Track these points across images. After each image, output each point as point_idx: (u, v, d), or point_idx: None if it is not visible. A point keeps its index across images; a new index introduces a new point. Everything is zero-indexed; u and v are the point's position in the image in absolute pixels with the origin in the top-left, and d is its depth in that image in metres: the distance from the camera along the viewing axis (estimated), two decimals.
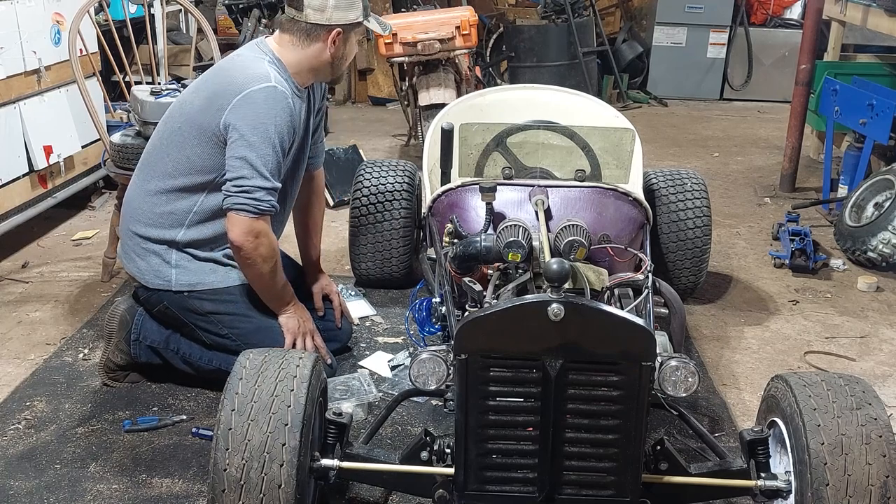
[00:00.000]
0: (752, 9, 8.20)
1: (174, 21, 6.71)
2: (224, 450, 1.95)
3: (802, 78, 5.20)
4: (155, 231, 2.88)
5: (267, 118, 2.72)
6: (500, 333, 2.00)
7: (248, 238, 2.73)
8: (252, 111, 2.72)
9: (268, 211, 2.74)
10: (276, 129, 2.73)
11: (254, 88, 2.73)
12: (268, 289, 2.89)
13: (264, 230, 2.75)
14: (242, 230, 2.72)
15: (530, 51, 7.16)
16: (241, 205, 2.71)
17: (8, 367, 3.19)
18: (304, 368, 2.08)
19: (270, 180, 2.73)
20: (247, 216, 2.71)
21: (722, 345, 3.47)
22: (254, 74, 2.77)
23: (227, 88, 2.77)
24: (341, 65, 2.94)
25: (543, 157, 3.07)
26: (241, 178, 2.71)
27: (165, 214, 2.86)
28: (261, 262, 2.78)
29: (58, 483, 2.53)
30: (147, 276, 2.90)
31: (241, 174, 2.71)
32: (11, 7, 4.02)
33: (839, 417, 1.99)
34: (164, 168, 2.86)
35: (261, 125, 2.71)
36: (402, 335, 3.41)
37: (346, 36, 2.88)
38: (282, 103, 2.75)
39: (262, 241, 2.75)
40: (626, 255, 2.61)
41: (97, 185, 4.95)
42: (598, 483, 2.07)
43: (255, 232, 2.73)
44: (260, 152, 2.71)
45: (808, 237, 4.30)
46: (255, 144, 2.71)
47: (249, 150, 2.70)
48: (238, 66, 2.85)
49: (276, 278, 2.87)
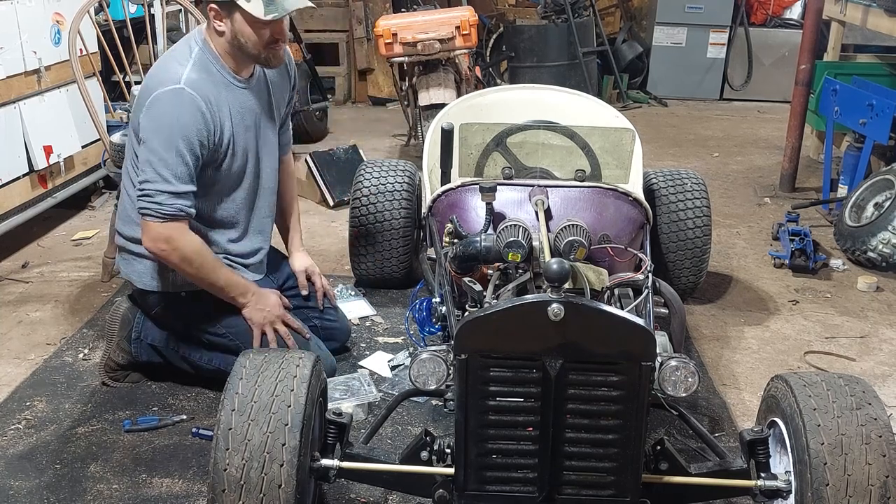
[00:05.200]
0: (752, 9, 8.20)
1: (174, 21, 6.70)
2: (224, 450, 1.95)
3: (802, 78, 5.20)
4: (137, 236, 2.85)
5: (169, 123, 2.66)
6: (500, 333, 2.00)
7: (158, 244, 2.70)
8: (155, 115, 2.69)
9: (175, 215, 2.68)
10: (181, 134, 2.66)
11: (160, 91, 2.69)
12: (207, 288, 2.83)
13: (175, 234, 2.69)
14: (150, 236, 2.70)
15: (530, 51, 7.16)
16: (146, 209, 2.67)
17: (8, 367, 3.19)
18: (304, 368, 2.08)
19: (174, 184, 2.66)
20: (153, 221, 2.67)
21: (722, 345, 3.47)
22: (166, 76, 2.73)
23: (145, 89, 2.76)
24: (246, 48, 2.75)
25: (543, 157, 3.06)
26: (145, 182, 2.68)
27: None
28: (182, 265, 2.74)
29: (58, 483, 2.53)
30: (144, 279, 2.90)
31: (145, 178, 2.68)
32: (11, 7, 4.02)
33: (839, 417, 1.99)
34: (134, 171, 2.83)
35: (164, 129, 2.66)
36: (402, 335, 3.41)
37: (229, 17, 2.72)
38: (187, 106, 2.68)
39: (176, 245, 2.70)
40: (626, 255, 2.61)
41: (97, 185, 4.95)
42: (598, 483, 2.07)
43: (163, 237, 2.69)
44: (162, 156, 2.65)
45: (808, 237, 4.30)
46: (156, 150, 2.66)
47: (152, 154, 2.67)
48: (160, 66, 2.83)
49: (210, 277, 2.80)
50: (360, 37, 7.64)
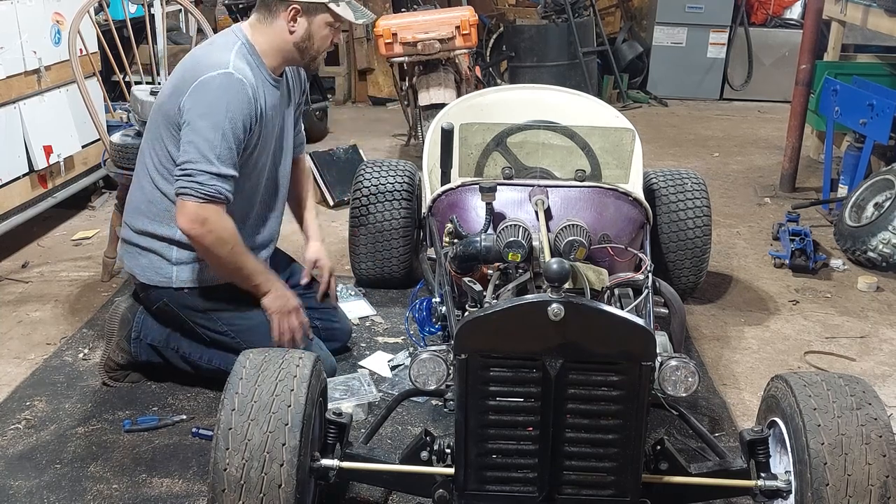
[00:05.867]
0: (752, 9, 8.20)
1: (174, 21, 6.71)
2: (224, 449, 1.95)
3: (802, 78, 5.20)
4: (154, 227, 2.86)
5: (218, 104, 2.65)
6: (500, 333, 2.00)
7: (195, 225, 2.66)
8: (204, 97, 2.67)
9: (215, 197, 2.65)
10: (228, 116, 2.66)
11: (209, 75, 2.68)
12: (231, 274, 2.80)
13: (212, 217, 2.66)
14: (188, 216, 2.65)
15: (530, 51, 7.16)
16: (185, 188, 2.64)
17: (8, 367, 3.19)
18: (304, 368, 2.08)
19: (217, 165, 2.64)
20: (192, 201, 2.64)
21: (722, 345, 3.47)
22: (213, 62, 2.72)
23: (187, 76, 2.73)
24: (309, 50, 2.81)
25: (543, 157, 3.07)
26: (187, 163, 2.65)
27: (162, 212, 2.84)
28: (215, 247, 2.70)
29: (58, 483, 2.53)
30: (148, 273, 2.89)
31: (187, 158, 2.65)
32: (11, 7, 4.02)
33: (839, 417, 1.99)
34: (152, 163, 2.84)
35: (211, 111, 2.65)
36: (402, 335, 3.40)
37: (310, 17, 2.76)
38: (237, 90, 2.68)
39: (211, 228, 2.67)
40: (626, 254, 2.61)
41: (97, 185, 4.95)
42: (599, 483, 2.07)
43: (201, 218, 2.65)
44: (207, 136, 2.64)
45: (808, 237, 4.30)
46: (202, 130, 2.64)
47: (196, 135, 2.64)
48: (202, 54, 2.81)
49: (237, 262, 2.77)
50: (360, 37, 7.64)
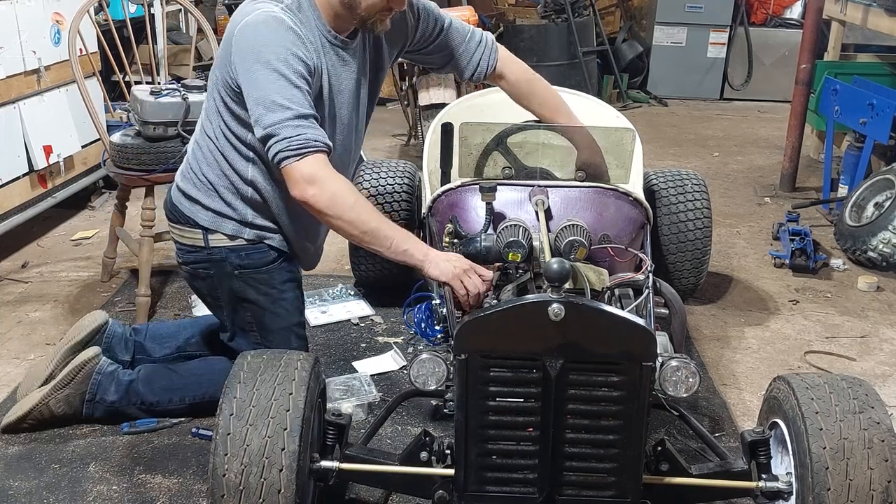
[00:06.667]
0: (752, 8, 8.19)
1: (174, 21, 6.71)
2: (223, 455, 1.94)
3: (802, 77, 5.19)
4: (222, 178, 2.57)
5: (262, 43, 2.34)
6: (501, 333, 2.00)
7: (305, 189, 2.31)
8: (247, 42, 2.36)
9: (307, 146, 2.30)
10: (276, 53, 2.32)
11: (248, 19, 2.39)
12: (372, 239, 2.40)
13: (319, 171, 2.31)
14: (294, 182, 2.32)
15: (530, 51, 7.16)
16: (277, 153, 2.30)
17: (8, 367, 3.19)
18: (302, 371, 2.07)
19: (293, 108, 2.30)
20: (290, 162, 2.30)
21: (722, 345, 3.47)
22: (254, 9, 2.43)
23: (229, 32, 2.46)
24: (356, 8, 2.44)
25: (543, 157, 3.06)
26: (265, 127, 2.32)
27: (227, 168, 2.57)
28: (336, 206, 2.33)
29: (58, 483, 2.52)
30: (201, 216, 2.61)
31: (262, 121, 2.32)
32: (11, 7, 4.02)
33: (841, 421, 1.98)
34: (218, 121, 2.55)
35: (258, 54, 2.33)
36: (402, 335, 3.40)
37: None
38: (281, 28, 2.35)
39: (323, 183, 2.31)
40: (626, 255, 2.61)
41: (97, 185, 4.95)
42: (599, 484, 2.07)
43: (306, 177, 2.30)
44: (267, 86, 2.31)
45: (809, 237, 4.29)
46: (259, 82, 2.32)
47: (257, 89, 2.33)
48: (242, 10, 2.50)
49: (372, 220, 2.39)
50: None
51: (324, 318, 3.56)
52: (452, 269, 2.40)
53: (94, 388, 2.76)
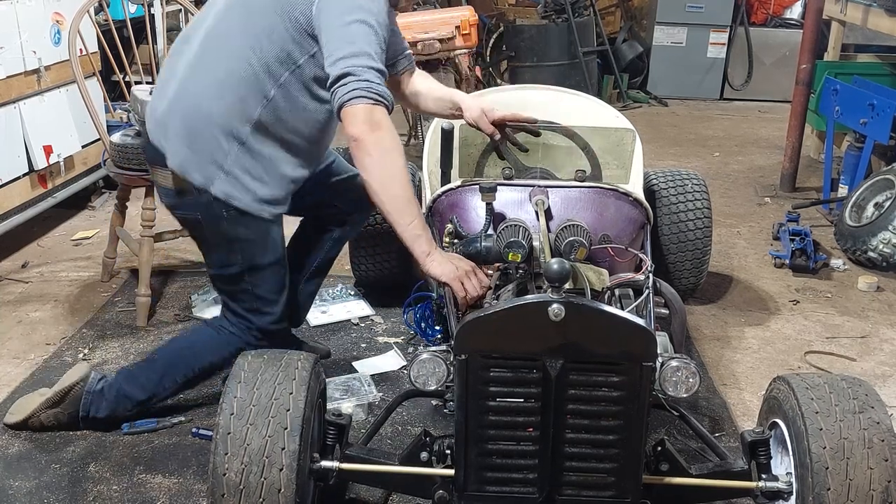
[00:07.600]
0: (753, 8, 8.19)
1: (174, 21, 6.70)
2: (223, 454, 1.94)
3: (803, 78, 5.19)
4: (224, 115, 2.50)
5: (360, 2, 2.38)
6: (501, 333, 2.00)
7: (366, 127, 2.29)
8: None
9: (383, 98, 2.32)
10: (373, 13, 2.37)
11: None
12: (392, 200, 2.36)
13: (385, 121, 2.33)
14: (360, 119, 2.29)
15: (530, 51, 7.16)
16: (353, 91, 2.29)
17: (8, 367, 3.19)
18: (303, 371, 2.07)
19: (377, 62, 2.34)
20: (363, 104, 2.29)
21: (722, 345, 3.47)
22: None
23: None
24: None
25: (543, 157, 3.06)
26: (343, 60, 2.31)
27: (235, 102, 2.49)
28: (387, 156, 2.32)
29: (58, 483, 2.53)
30: (189, 167, 2.52)
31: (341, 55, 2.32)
32: (11, 7, 4.02)
33: (841, 421, 1.98)
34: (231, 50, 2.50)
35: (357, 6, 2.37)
36: (402, 335, 3.40)
37: None
38: None
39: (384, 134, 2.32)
40: (626, 255, 2.61)
41: (97, 185, 4.95)
42: (599, 484, 2.07)
43: (374, 121, 2.30)
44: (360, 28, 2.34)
45: (809, 237, 4.29)
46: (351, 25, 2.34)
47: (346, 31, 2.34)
48: None
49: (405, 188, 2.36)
50: None
51: (324, 319, 3.56)
52: (454, 270, 2.40)
53: (87, 407, 2.74)
